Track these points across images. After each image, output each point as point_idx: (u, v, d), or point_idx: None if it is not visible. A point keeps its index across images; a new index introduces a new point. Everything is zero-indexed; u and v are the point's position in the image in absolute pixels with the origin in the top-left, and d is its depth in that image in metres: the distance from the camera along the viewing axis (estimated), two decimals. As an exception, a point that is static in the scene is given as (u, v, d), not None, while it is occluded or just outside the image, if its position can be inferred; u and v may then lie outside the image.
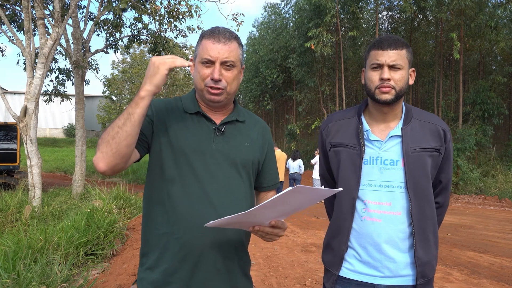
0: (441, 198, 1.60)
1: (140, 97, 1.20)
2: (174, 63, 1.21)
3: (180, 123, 1.38)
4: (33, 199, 7.72)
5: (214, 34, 1.34)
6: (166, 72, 1.20)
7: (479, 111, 15.79)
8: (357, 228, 1.50)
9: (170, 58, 1.22)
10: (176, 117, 1.39)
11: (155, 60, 1.20)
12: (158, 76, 1.20)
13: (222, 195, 1.34)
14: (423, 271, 1.45)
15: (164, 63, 1.20)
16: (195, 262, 1.32)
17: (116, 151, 1.19)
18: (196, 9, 9.97)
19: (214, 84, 1.32)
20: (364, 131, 1.53)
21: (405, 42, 1.47)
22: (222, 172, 1.36)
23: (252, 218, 1.17)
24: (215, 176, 1.34)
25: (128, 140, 1.19)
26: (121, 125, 1.19)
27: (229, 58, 1.32)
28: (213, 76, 1.31)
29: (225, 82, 1.34)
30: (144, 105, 1.20)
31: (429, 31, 20.38)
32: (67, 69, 13.62)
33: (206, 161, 1.34)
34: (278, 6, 27.46)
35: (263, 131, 1.52)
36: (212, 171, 1.34)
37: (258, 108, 29.98)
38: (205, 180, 1.33)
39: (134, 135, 1.20)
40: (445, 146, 1.51)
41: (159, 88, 1.21)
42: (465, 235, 7.02)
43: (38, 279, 3.55)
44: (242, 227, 1.25)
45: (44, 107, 20.11)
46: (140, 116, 1.20)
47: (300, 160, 11.63)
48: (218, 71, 1.31)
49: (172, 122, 1.37)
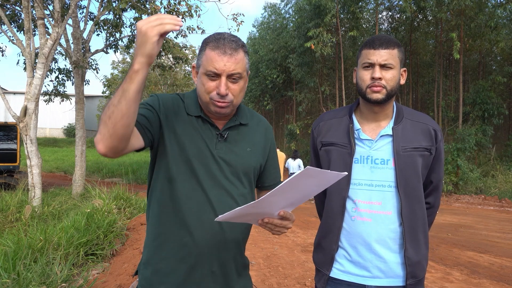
0: (432, 198, 1.60)
1: (134, 71, 1.05)
2: (164, 28, 1.02)
3: (185, 126, 1.34)
4: (33, 199, 7.72)
5: (219, 44, 1.25)
6: (156, 38, 1.03)
7: (479, 111, 15.78)
8: (348, 228, 1.50)
9: (157, 21, 1.02)
10: (182, 118, 1.34)
11: (141, 26, 1.02)
12: (148, 45, 1.02)
13: (223, 200, 1.33)
14: (413, 271, 1.45)
15: (152, 28, 1.02)
16: (192, 265, 1.31)
17: (113, 132, 1.07)
18: (196, 9, 9.98)
19: (220, 98, 1.27)
20: (355, 130, 1.52)
21: (397, 42, 1.46)
22: (224, 178, 1.35)
23: (262, 208, 1.16)
24: (216, 181, 1.33)
25: (125, 120, 1.07)
26: (116, 103, 1.06)
27: (236, 71, 1.26)
28: (219, 91, 1.25)
29: (231, 96, 1.28)
30: (139, 80, 1.05)
31: (429, 31, 20.36)
32: (67, 69, 13.63)
33: (208, 167, 1.33)
34: (278, 6, 27.45)
35: (265, 131, 1.51)
36: (214, 177, 1.33)
37: (258, 108, 29.95)
38: (206, 185, 1.32)
39: (131, 115, 1.08)
40: (436, 146, 1.51)
41: (152, 58, 1.06)
42: (465, 235, 7.02)
43: (38, 279, 3.55)
44: (251, 220, 1.24)
45: (44, 107, 20.11)
46: (135, 93, 1.06)
47: (300, 160, 11.66)
48: (224, 85, 1.25)
49: (179, 124, 1.33)
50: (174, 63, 13.68)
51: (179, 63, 13.67)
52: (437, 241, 6.30)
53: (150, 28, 1.02)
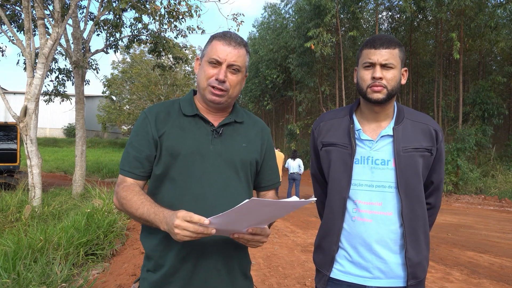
0: (433, 199, 1.59)
1: (155, 225, 1.24)
2: (183, 239, 1.13)
3: (178, 126, 1.38)
4: (33, 199, 7.72)
5: (226, 37, 1.37)
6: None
7: (479, 111, 15.78)
8: (348, 229, 1.49)
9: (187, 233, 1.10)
10: (174, 121, 1.39)
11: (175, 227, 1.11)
12: (171, 234, 1.16)
13: (220, 196, 1.34)
14: (414, 272, 1.45)
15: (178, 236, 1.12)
16: (195, 262, 1.32)
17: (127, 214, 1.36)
18: (196, 9, 9.97)
19: (217, 84, 1.34)
20: (356, 130, 1.51)
21: (397, 41, 1.45)
22: (220, 174, 1.36)
23: (226, 226, 1.16)
24: (213, 178, 1.35)
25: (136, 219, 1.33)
26: (137, 216, 1.29)
27: (236, 62, 1.35)
28: (218, 77, 1.33)
29: (228, 85, 1.35)
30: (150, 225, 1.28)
31: (429, 31, 20.37)
32: (67, 69, 13.63)
33: (204, 164, 1.35)
34: (278, 6, 27.47)
35: (261, 131, 1.52)
36: (210, 173, 1.35)
37: (258, 108, 29.98)
38: (203, 182, 1.34)
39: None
40: (437, 146, 1.50)
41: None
42: (465, 235, 7.02)
43: (38, 279, 3.55)
44: (224, 233, 1.24)
45: (44, 107, 20.10)
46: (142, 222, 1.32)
47: (300, 160, 11.66)
48: (224, 72, 1.34)
49: (171, 126, 1.38)
50: (174, 63, 13.67)
51: (179, 63, 13.66)
52: (437, 241, 6.31)
53: (179, 236, 1.11)
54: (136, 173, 1.37)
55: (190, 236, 1.10)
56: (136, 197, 1.28)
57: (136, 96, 30.52)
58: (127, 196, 1.30)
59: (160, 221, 1.19)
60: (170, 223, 1.13)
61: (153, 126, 1.37)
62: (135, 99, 30.91)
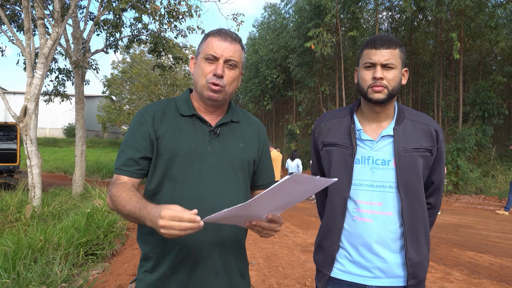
0: (433, 199, 1.60)
1: (141, 222, 1.19)
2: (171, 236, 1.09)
3: (174, 127, 1.37)
4: (33, 199, 7.72)
5: (221, 33, 1.37)
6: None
7: (479, 111, 15.77)
8: (348, 228, 1.50)
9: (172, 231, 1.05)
10: (170, 121, 1.38)
11: (160, 226, 1.05)
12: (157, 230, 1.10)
13: (218, 197, 1.34)
14: (414, 272, 1.45)
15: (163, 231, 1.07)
16: (193, 264, 1.32)
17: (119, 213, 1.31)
18: (196, 9, 9.98)
19: (215, 80, 1.33)
20: (356, 130, 1.52)
21: (398, 42, 1.45)
22: (218, 175, 1.36)
23: (249, 211, 1.16)
24: (211, 178, 1.35)
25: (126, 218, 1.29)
26: (126, 214, 1.25)
27: (233, 57, 1.35)
28: (216, 72, 1.33)
29: (225, 81, 1.35)
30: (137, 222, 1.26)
31: (429, 31, 20.35)
32: (67, 69, 13.63)
33: (202, 164, 1.35)
34: (278, 6, 27.46)
35: (258, 131, 1.53)
36: (208, 174, 1.35)
37: (258, 108, 29.96)
38: (201, 183, 1.33)
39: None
40: (437, 146, 1.50)
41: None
42: (465, 235, 7.01)
43: (38, 279, 3.55)
44: (239, 222, 1.24)
45: (44, 107, 20.11)
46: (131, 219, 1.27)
47: (299, 160, 11.66)
48: (221, 67, 1.34)
49: (167, 127, 1.37)
50: (174, 63, 13.67)
51: (179, 63, 13.66)
52: (437, 241, 6.31)
53: (166, 235, 1.07)
54: (130, 170, 1.35)
55: (178, 234, 1.06)
56: (125, 193, 1.25)
57: (136, 96, 30.54)
58: (117, 192, 1.27)
59: (145, 217, 1.14)
60: (155, 222, 1.07)
61: (150, 126, 1.36)
62: (135, 99, 30.94)
